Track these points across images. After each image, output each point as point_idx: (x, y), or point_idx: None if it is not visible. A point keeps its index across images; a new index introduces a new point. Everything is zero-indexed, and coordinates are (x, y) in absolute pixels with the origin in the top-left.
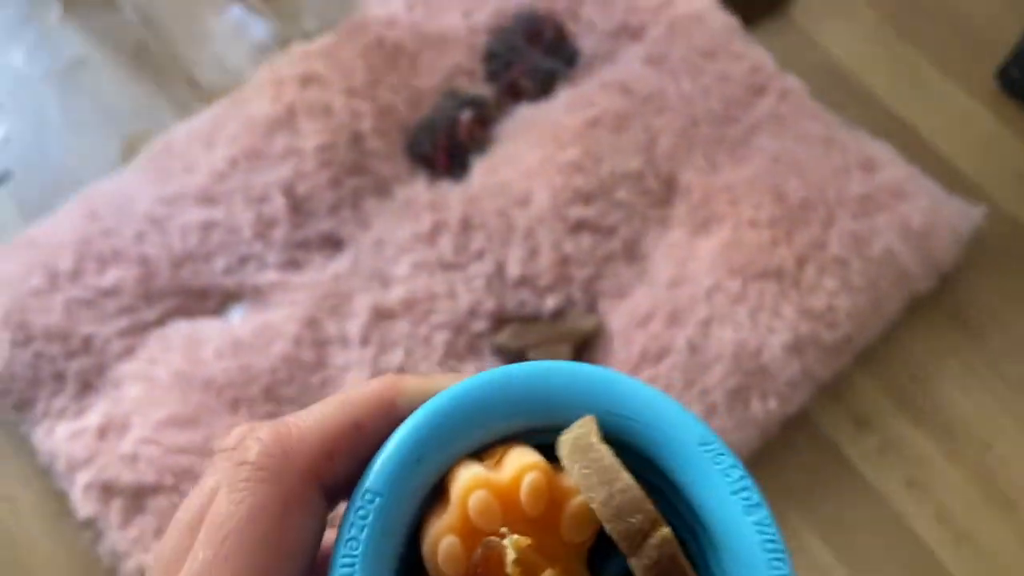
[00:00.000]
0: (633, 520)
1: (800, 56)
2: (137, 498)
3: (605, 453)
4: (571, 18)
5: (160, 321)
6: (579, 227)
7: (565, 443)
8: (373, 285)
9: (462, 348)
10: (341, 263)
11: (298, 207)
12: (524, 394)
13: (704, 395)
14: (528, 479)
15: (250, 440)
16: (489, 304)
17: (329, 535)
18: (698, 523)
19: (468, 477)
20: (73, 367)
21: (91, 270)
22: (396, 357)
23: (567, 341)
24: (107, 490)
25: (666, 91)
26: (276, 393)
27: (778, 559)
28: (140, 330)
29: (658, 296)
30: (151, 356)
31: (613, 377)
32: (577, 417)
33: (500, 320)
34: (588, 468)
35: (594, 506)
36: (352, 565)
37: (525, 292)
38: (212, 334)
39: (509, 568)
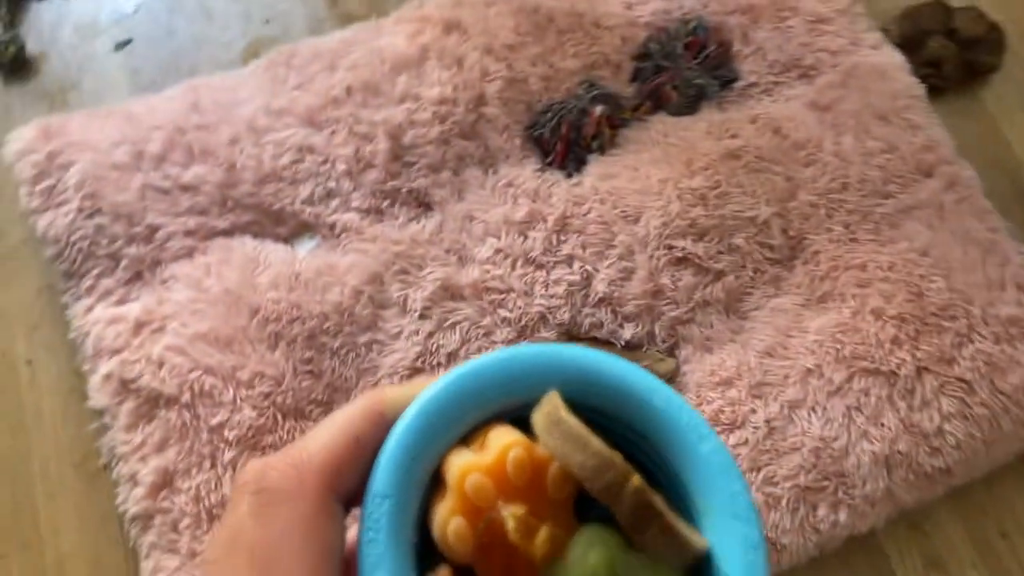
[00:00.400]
0: (607, 477)
1: (981, 145)
2: (150, 405)
3: (574, 424)
4: (741, 38)
5: (228, 232)
6: (683, 262)
7: (538, 421)
8: (450, 259)
9: None
10: (424, 226)
11: (399, 155)
12: (495, 381)
13: (769, 483)
14: (511, 456)
15: (267, 471)
16: (563, 314)
17: (350, 534)
18: (665, 463)
19: (460, 464)
20: (130, 252)
21: (177, 161)
22: (451, 340)
23: None
24: (124, 387)
25: (823, 143)
26: (319, 341)
27: (733, 475)
28: (206, 235)
29: (748, 361)
30: (208, 265)
31: (571, 351)
32: (544, 391)
33: (569, 335)
34: (561, 439)
35: (573, 469)
36: (377, 561)
37: (605, 313)
38: (274, 260)
39: (512, 536)
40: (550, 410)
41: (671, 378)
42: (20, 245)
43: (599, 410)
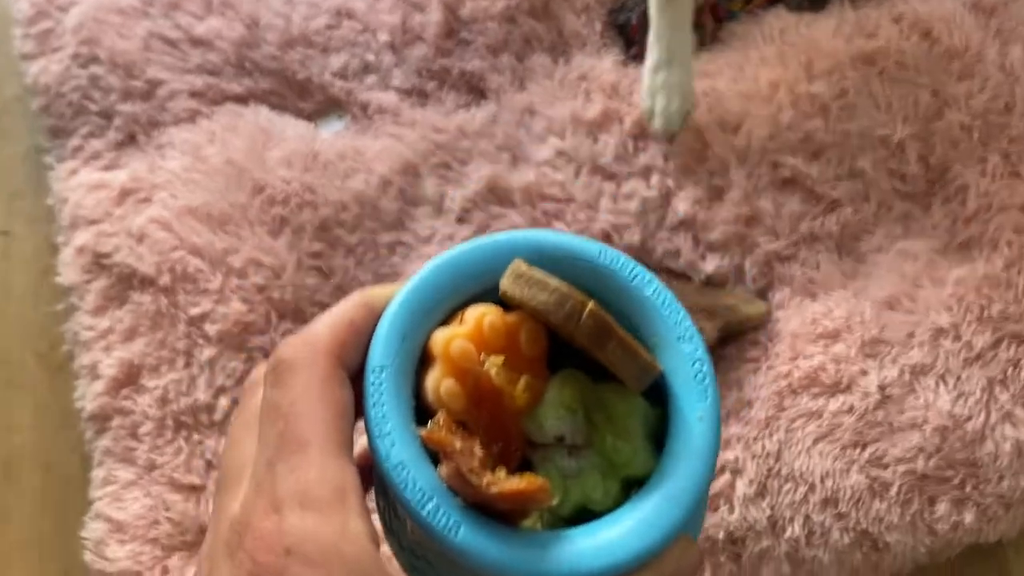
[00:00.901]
0: (567, 306)
1: None
2: (123, 285)
3: (535, 271)
4: None
5: (241, 99)
6: (790, 184)
7: (504, 281)
8: (501, 157)
9: None
10: (474, 116)
11: (453, 30)
12: (466, 268)
13: (876, 464)
14: (487, 321)
15: (281, 348)
16: (633, 236)
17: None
18: (618, 310)
19: (444, 335)
20: (125, 109)
21: (191, 10)
22: None
23: (716, 319)
24: (98, 262)
25: (984, 53)
26: (332, 234)
27: (674, 307)
28: (215, 99)
29: (863, 312)
30: (212, 132)
31: (528, 233)
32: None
33: (641, 263)
34: (525, 286)
35: (539, 307)
36: (384, 418)
37: (684, 240)
38: (291, 136)
39: (496, 381)
40: (514, 268)
41: (759, 324)
42: (13, 101)
43: (564, 275)
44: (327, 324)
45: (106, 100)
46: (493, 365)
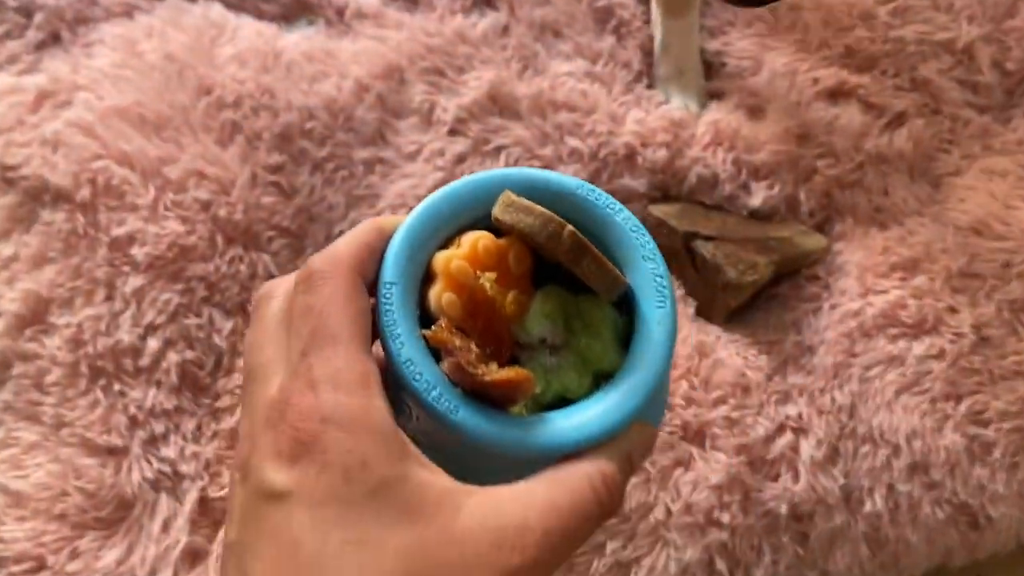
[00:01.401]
0: (549, 228)
1: None
2: (32, 203)
3: (523, 200)
4: None
5: None
6: (841, 95)
7: (496, 209)
8: (510, 65)
9: None
10: (475, 24)
11: None
12: (463, 199)
13: (975, 420)
14: (480, 244)
15: (309, 262)
16: (659, 154)
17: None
18: (593, 235)
19: (445, 256)
20: (49, 3)
21: None
22: (492, 166)
23: (769, 252)
24: (4, 176)
25: None
26: (297, 146)
27: (640, 230)
28: None
29: (945, 239)
30: (151, 27)
31: (517, 171)
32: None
33: (664, 191)
34: (514, 211)
35: (525, 230)
36: (395, 323)
37: (722, 163)
38: (247, 34)
39: (490, 292)
40: (504, 197)
41: (819, 259)
42: None
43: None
44: (347, 243)
45: None
46: (487, 280)
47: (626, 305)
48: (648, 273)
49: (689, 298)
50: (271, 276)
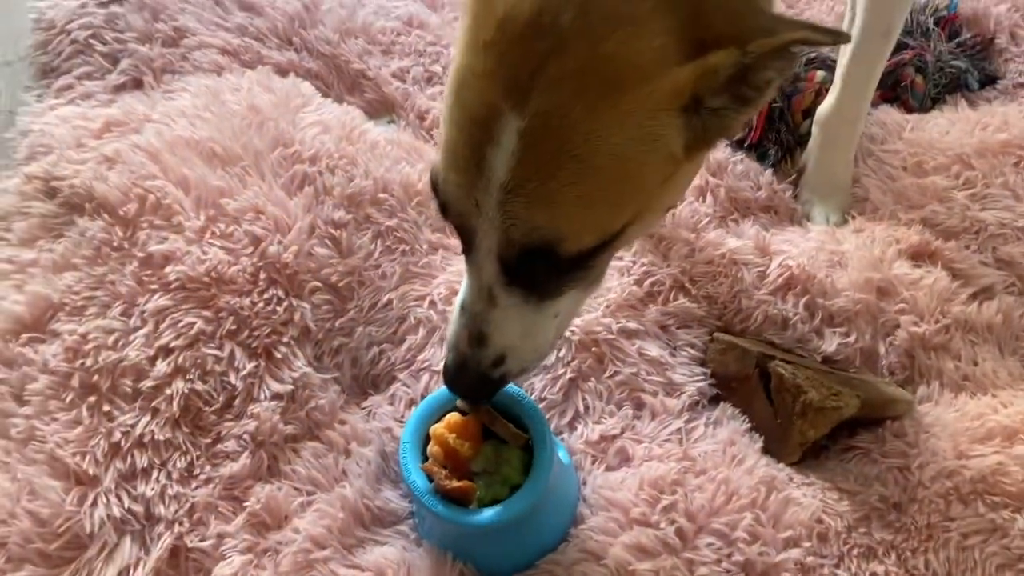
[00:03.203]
0: (487, 415)
1: None
2: (69, 212)
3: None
4: (1009, 36)
5: (281, 70)
6: (925, 256)
7: (459, 403)
8: None
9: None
10: None
11: None
12: (447, 402)
13: None
14: (453, 421)
15: None
16: (718, 289)
17: None
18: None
19: (435, 428)
20: (140, 51)
21: None
22: None
23: (855, 388)
24: (47, 188)
25: None
26: (363, 211)
27: (535, 411)
28: (249, 61)
29: None
30: (240, 85)
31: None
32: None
33: (725, 326)
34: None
35: (501, 433)
36: (409, 463)
37: (793, 305)
38: (335, 111)
39: (454, 444)
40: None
41: (903, 413)
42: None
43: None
44: None
45: (118, 42)
46: (454, 440)
47: (528, 449)
48: (540, 434)
49: (754, 433)
50: (306, 327)
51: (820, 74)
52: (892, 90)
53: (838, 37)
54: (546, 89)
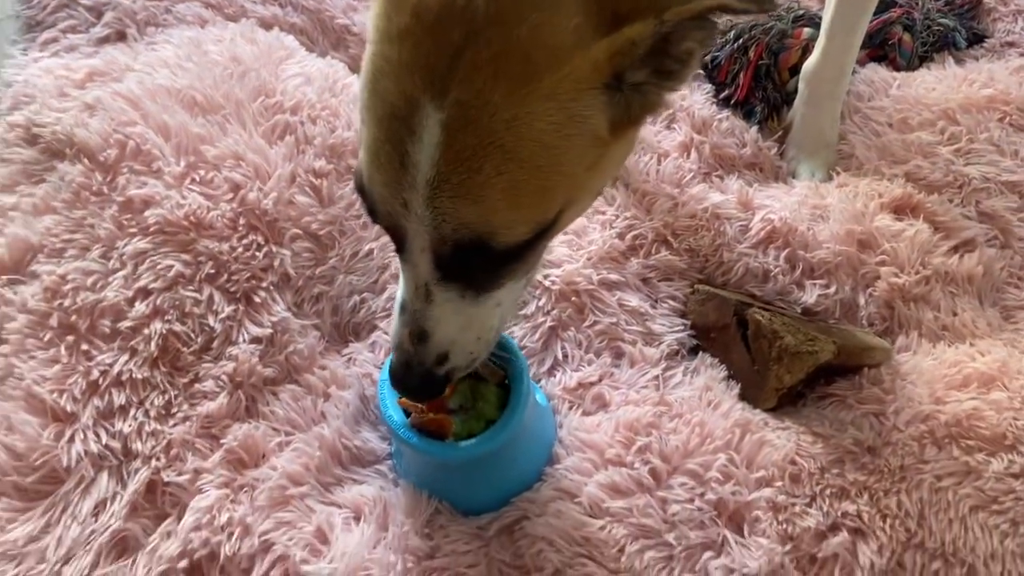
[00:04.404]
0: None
1: None
2: (50, 158)
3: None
4: None
5: (266, 23)
6: (908, 209)
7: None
8: None
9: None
10: None
11: None
12: None
13: None
14: None
15: None
16: (701, 240)
17: None
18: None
19: None
20: (123, 4)
21: None
22: None
23: (833, 335)
24: (28, 135)
25: None
26: (345, 161)
27: (515, 355)
28: (232, 15)
29: (1021, 365)
30: (222, 36)
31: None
32: None
33: (707, 278)
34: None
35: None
36: (384, 397)
37: (774, 258)
38: (319, 65)
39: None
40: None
41: (880, 361)
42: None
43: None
44: None
45: None
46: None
47: (505, 387)
48: (515, 368)
49: (732, 381)
50: (286, 274)
51: (807, 31)
52: (880, 48)
53: (760, 5)
54: (465, 78)
